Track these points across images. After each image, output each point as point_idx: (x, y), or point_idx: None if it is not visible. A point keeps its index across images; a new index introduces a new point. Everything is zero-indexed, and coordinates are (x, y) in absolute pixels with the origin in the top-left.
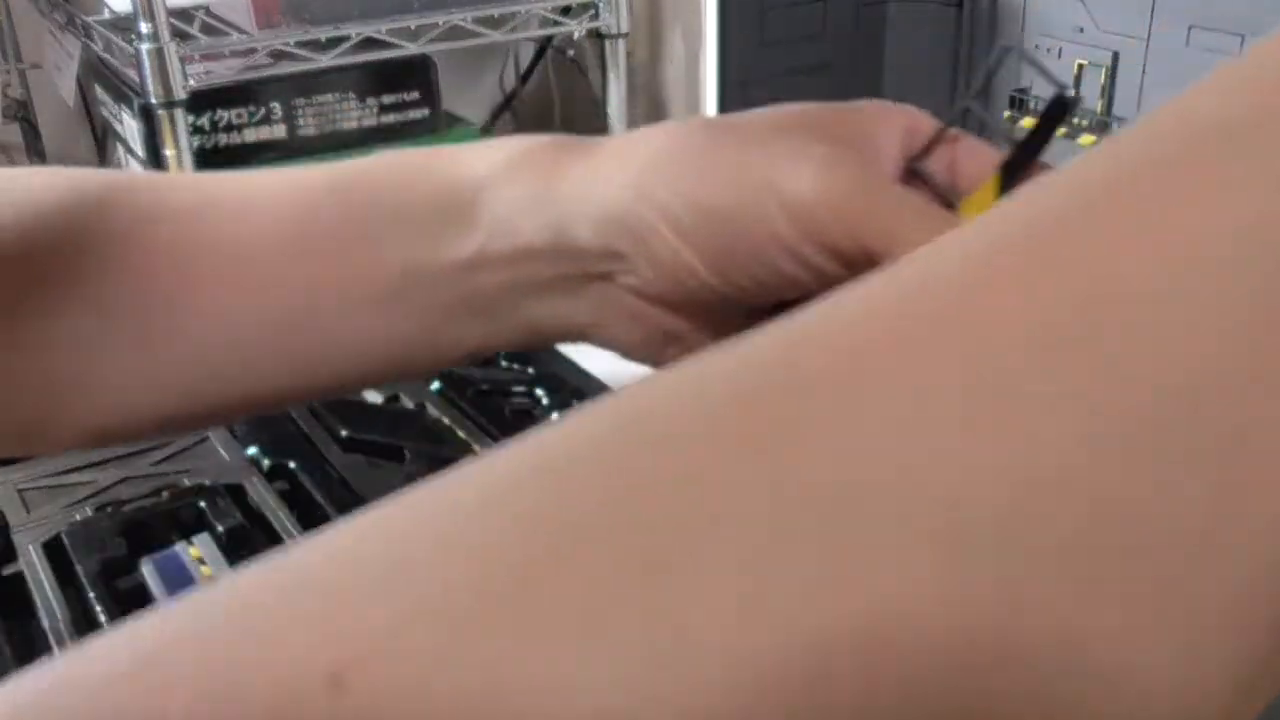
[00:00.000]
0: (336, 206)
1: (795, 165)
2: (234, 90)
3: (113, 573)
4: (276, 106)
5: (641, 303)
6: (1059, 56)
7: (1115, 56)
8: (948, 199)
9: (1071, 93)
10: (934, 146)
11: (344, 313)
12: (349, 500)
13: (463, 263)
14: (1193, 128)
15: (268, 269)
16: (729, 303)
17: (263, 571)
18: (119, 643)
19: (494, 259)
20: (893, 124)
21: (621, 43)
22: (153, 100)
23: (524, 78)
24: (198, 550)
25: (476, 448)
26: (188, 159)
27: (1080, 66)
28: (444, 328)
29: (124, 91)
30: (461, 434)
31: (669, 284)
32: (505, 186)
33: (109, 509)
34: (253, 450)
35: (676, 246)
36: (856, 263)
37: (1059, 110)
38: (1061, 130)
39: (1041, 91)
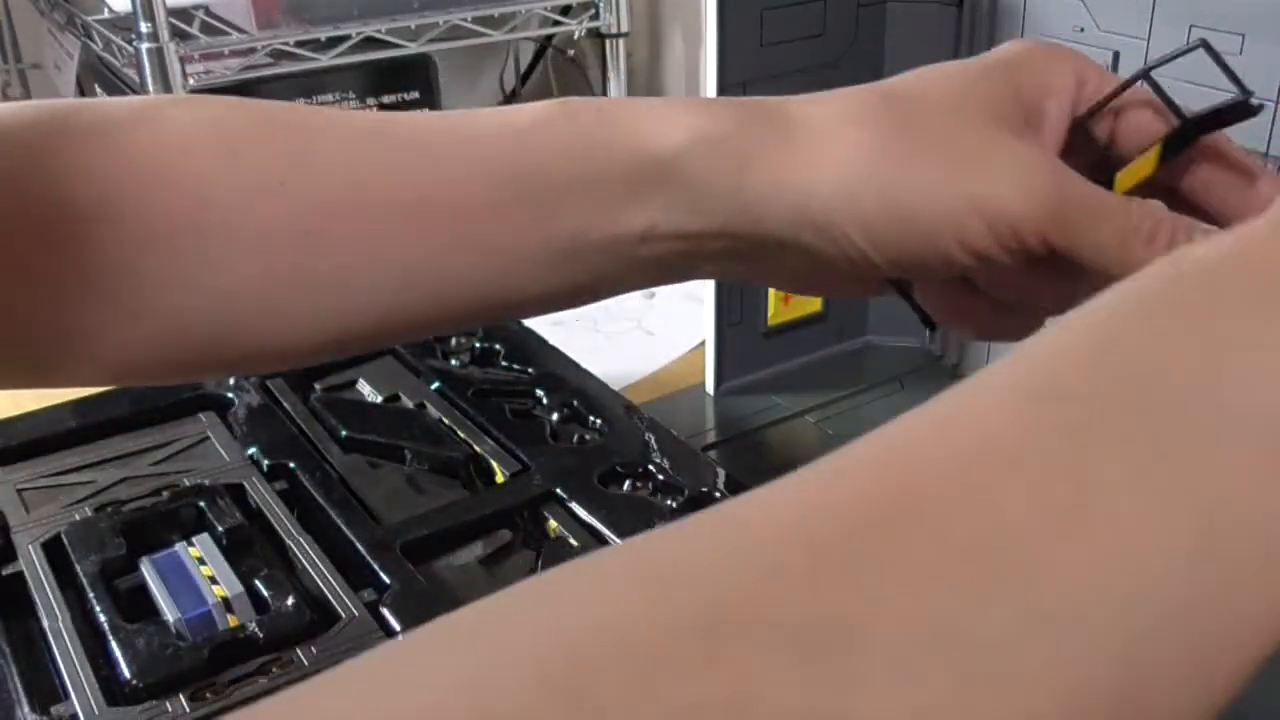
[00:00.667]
0: (513, 170)
1: (996, 179)
2: (234, 90)
3: (112, 573)
4: None
5: (805, 267)
6: None
7: (1115, 56)
8: (1108, 159)
9: (1258, 103)
10: (1102, 107)
11: (505, 270)
12: (349, 500)
13: (637, 235)
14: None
15: (446, 222)
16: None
17: None
18: None
19: (670, 234)
20: (1064, 82)
21: (621, 43)
22: None
23: (524, 78)
24: (198, 550)
25: (476, 448)
26: None
27: None
28: (604, 283)
29: (124, 91)
30: (461, 434)
31: (839, 262)
32: (695, 168)
33: (109, 509)
34: (253, 450)
35: (864, 248)
36: (1032, 253)
37: (1239, 114)
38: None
39: None
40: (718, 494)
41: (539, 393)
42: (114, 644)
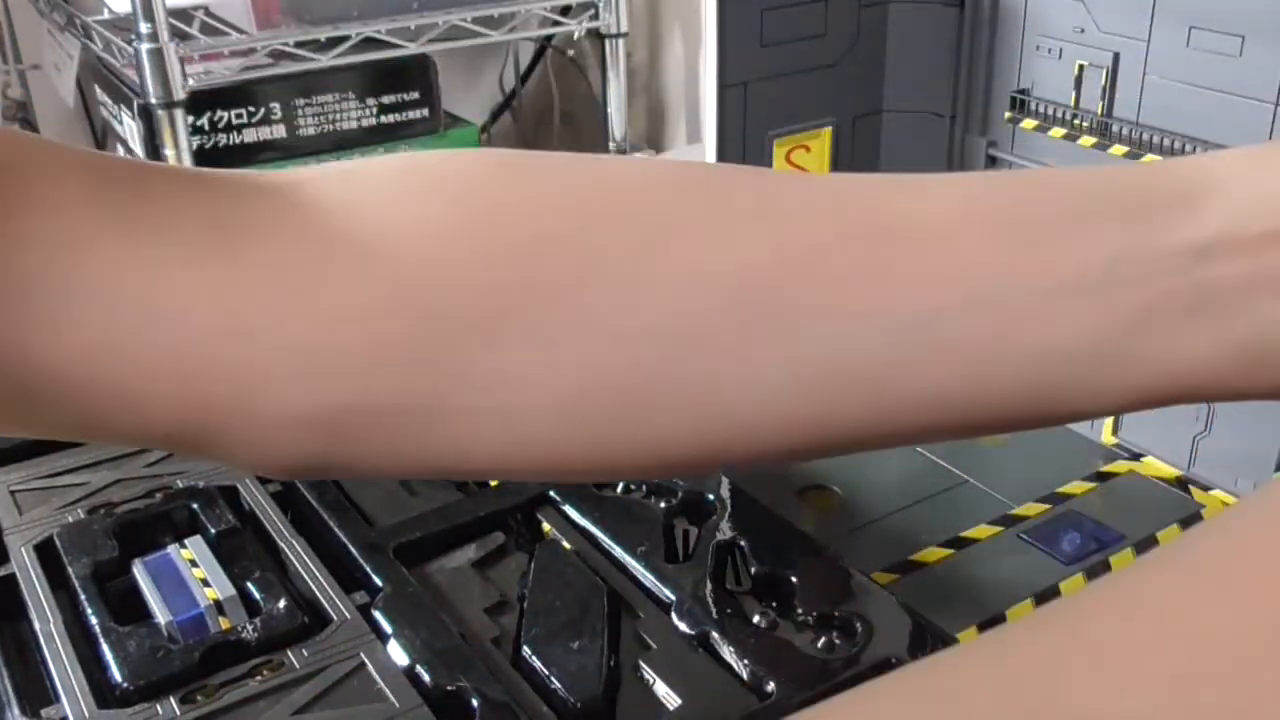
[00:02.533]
0: (1025, 187)
1: None
2: (233, 90)
3: (104, 575)
4: (276, 106)
5: None
6: (1059, 57)
7: (1116, 57)
8: None
9: None
10: None
11: (1032, 301)
12: (342, 502)
13: (1191, 248)
14: None
15: (963, 245)
16: None
17: None
18: None
19: (1234, 244)
20: None
21: (621, 43)
22: (152, 100)
23: (524, 78)
24: (190, 552)
25: None
26: (187, 159)
27: (1081, 67)
28: (1148, 331)
29: (123, 92)
30: None
31: None
32: (1258, 158)
33: (101, 511)
34: None
35: None
36: None
37: None
38: (1060, 132)
39: (1042, 92)
40: (710, 496)
41: None
42: (105, 646)
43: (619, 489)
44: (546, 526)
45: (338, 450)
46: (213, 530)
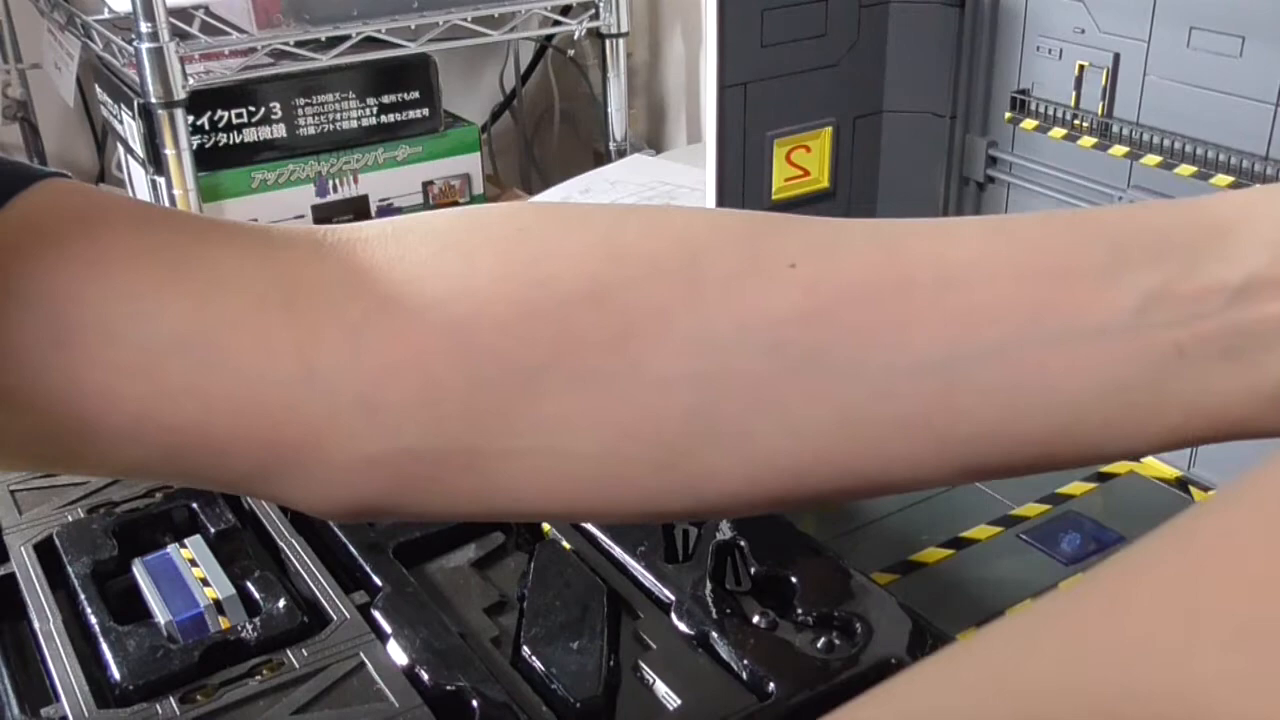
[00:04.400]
0: (1053, 227)
1: None
2: (234, 90)
3: (104, 574)
4: (276, 106)
5: None
6: (1059, 57)
7: (1116, 58)
8: None
9: None
10: None
11: (1063, 344)
12: None
13: (1224, 289)
14: None
15: (979, 293)
16: None
17: None
18: None
19: (1266, 284)
20: None
21: (621, 43)
22: (152, 100)
23: (524, 78)
24: (189, 552)
25: None
26: (187, 159)
27: (1081, 67)
28: (1180, 373)
29: (124, 91)
30: None
31: None
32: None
33: (101, 510)
34: None
35: None
36: None
37: None
38: (1061, 132)
39: (1042, 92)
40: None
41: None
42: (105, 646)
43: None
44: (546, 526)
45: (398, 493)
46: (212, 530)
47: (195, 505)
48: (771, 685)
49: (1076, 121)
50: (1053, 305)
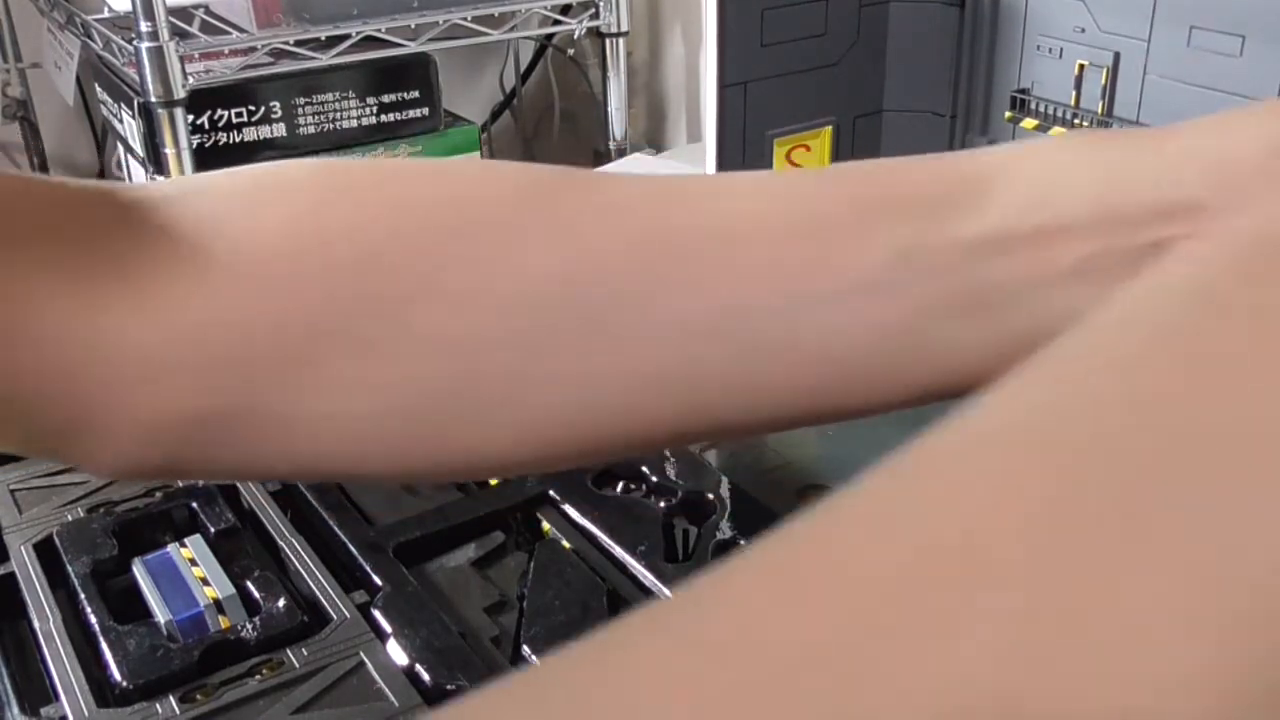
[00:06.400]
0: (821, 187)
1: None
2: (234, 89)
3: (104, 574)
4: (276, 105)
5: None
6: (1060, 56)
7: (1116, 57)
8: None
9: None
10: None
11: (826, 301)
12: (342, 502)
13: (971, 244)
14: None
15: (758, 251)
16: None
17: None
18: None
19: (1011, 239)
20: None
21: (621, 42)
22: (152, 99)
23: (524, 77)
24: (189, 551)
25: None
26: (187, 158)
27: (1081, 67)
28: (933, 328)
29: (124, 90)
30: None
31: None
32: (1043, 154)
33: (101, 510)
34: None
35: None
36: None
37: None
38: (1061, 131)
39: (1042, 92)
40: (711, 495)
41: None
42: (105, 645)
43: (618, 489)
44: (546, 526)
45: (182, 456)
46: (212, 529)
47: (195, 505)
48: None
49: (1077, 121)
50: (813, 262)
